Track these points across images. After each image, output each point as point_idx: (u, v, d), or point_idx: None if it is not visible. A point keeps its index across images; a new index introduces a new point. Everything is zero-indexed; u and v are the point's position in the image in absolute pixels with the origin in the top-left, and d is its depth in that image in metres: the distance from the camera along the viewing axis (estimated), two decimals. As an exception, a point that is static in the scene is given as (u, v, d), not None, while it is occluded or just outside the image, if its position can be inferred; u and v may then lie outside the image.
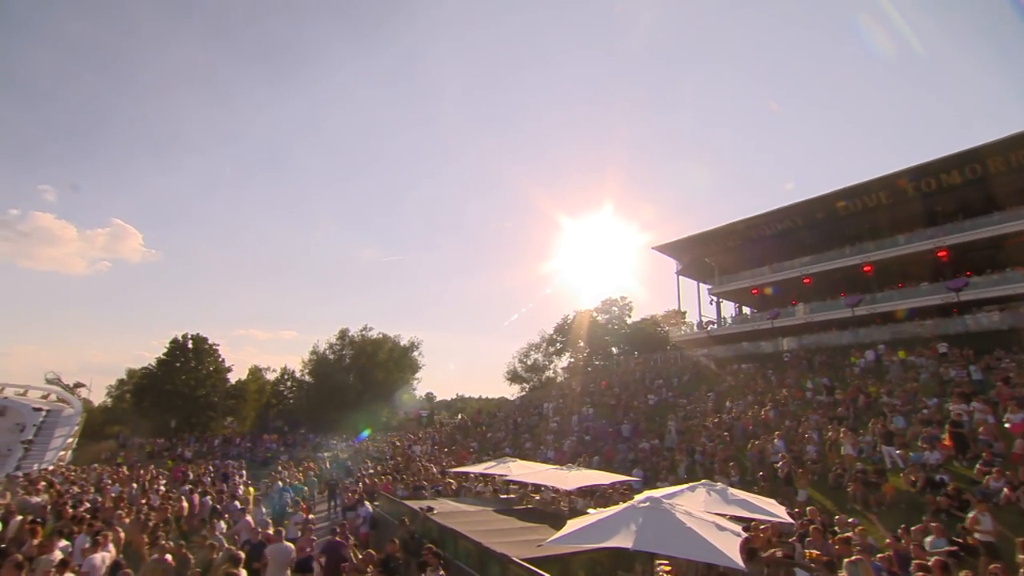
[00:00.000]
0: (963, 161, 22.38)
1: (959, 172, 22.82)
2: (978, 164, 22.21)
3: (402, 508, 10.37)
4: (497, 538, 8.15)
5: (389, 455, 25.00)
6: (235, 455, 35.60)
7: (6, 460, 25.12)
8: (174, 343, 49.24)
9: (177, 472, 23.07)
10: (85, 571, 6.64)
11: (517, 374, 45.09)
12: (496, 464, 12.98)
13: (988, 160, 21.96)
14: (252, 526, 9.29)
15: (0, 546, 8.08)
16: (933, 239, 23.61)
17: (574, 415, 26.78)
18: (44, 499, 12.45)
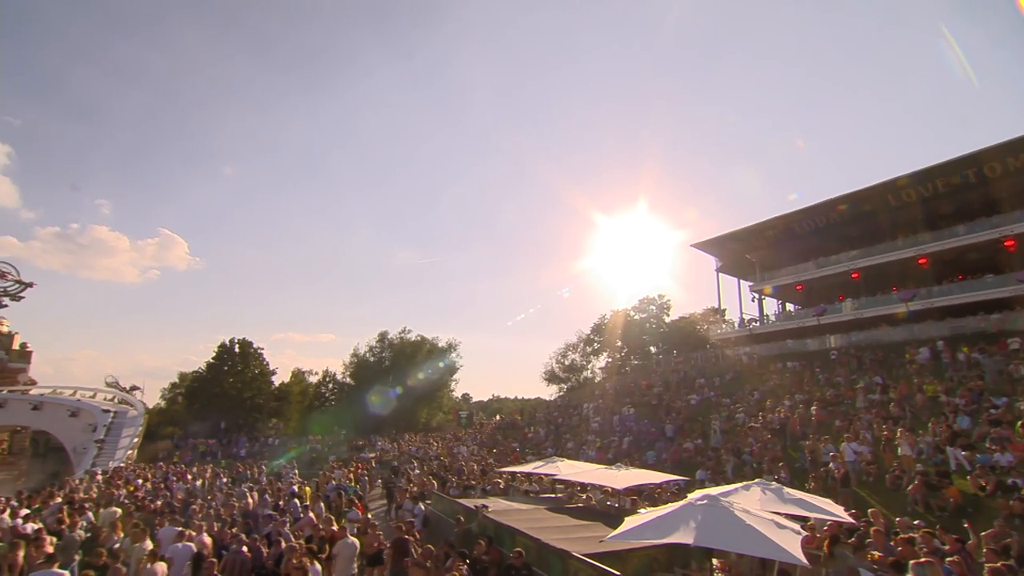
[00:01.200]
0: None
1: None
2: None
3: (456, 506, 10.65)
4: (554, 535, 8.33)
5: (434, 455, 25.49)
6: (282, 455, 36.93)
7: (82, 458, 26.88)
8: (222, 347, 51.30)
9: (234, 471, 24.18)
10: (173, 559, 7.13)
11: (555, 374, 45.09)
12: (544, 464, 13.16)
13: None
14: (315, 522, 9.73)
15: (86, 535, 8.77)
16: (999, 228, 22.29)
17: (615, 415, 26.68)
18: (124, 494, 13.34)
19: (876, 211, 25.97)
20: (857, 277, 26.68)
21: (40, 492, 13.67)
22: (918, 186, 24.31)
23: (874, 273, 26.37)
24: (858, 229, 26.99)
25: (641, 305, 43.92)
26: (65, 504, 10.67)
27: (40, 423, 31.92)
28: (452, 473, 17.48)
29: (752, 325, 30.75)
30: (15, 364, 36.50)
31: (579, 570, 6.91)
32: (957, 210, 24.23)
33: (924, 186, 24.20)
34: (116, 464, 25.55)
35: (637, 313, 43.96)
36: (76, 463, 28.21)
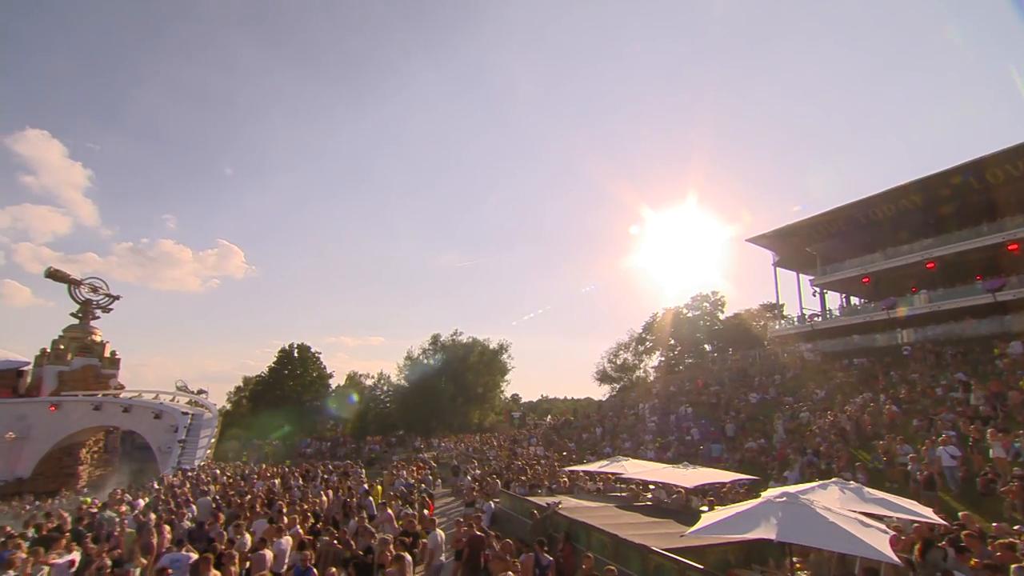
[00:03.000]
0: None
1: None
2: None
3: (526, 504, 10.93)
4: (629, 531, 8.48)
5: (493, 455, 25.96)
6: (342, 455, 38.48)
7: (167, 457, 29.01)
8: (282, 352, 53.96)
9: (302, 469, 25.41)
10: (276, 552, 7.72)
11: (607, 374, 44.78)
12: (609, 463, 13.28)
13: None
14: (392, 519, 10.25)
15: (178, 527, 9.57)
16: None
17: (672, 415, 26.35)
18: (213, 490, 14.40)
19: (954, 196, 24.30)
20: (933, 267, 25.09)
21: (145, 486, 14.98)
22: (1005, 165, 22.41)
23: (952, 262, 24.73)
24: (934, 216, 25.38)
25: (694, 302, 43.04)
26: (169, 497, 11.68)
27: (129, 424, 34.63)
28: (514, 472, 17.81)
29: (814, 320, 29.58)
30: (107, 370, 39.72)
31: (660, 564, 7.05)
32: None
33: (1013, 165, 22.36)
34: (198, 462, 27.37)
35: (690, 311, 43.10)
36: (161, 461, 30.45)
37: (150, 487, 14.60)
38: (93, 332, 40.38)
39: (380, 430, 45.72)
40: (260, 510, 10.60)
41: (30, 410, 33.26)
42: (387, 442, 40.81)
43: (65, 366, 37.56)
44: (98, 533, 8.54)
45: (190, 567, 6.29)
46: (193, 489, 14.16)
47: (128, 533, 8.28)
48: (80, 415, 33.77)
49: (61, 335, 39.43)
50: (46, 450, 32.62)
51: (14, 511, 23.09)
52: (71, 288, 40.50)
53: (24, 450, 31.93)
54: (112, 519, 9.61)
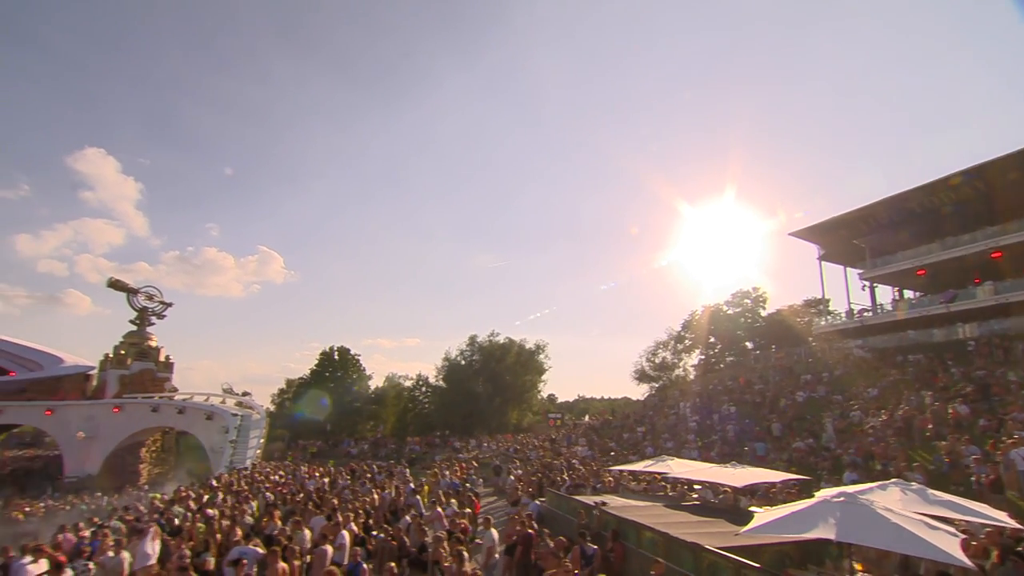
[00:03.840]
0: None
1: None
2: None
3: (572, 503, 10.99)
4: (679, 529, 8.42)
5: (534, 455, 26.06)
6: (384, 455, 39.29)
7: (219, 457, 30.33)
8: (323, 355, 55.33)
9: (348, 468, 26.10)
10: (338, 545, 8.02)
11: (645, 373, 44.18)
12: (654, 462, 13.19)
13: None
14: (442, 517, 10.47)
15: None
16: None
17: (715, 414, 25.84)
18: (268, 488, 15.00)
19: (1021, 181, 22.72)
20: (1000, 256, 23.50)
21: (203, 485, 15.77)
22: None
23: (1022, 250, 23.15)
24: (999, 202, 23.78)
25: (734, 299, 41.91)
26: (229, 495, 12.27)
27: (183, 425, 36.40)
28: (557, 472, 17.86)
29: (863, 316, 28.40)
30: (162, 374, 41.86)
31: (714, 563, 6.99)
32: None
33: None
34: (249, 462, 28.49)
35: (730, 307, 42.03)
36: (214, 461, 31.84)
37: (209, 485, 15.36)
38: (149, 338, 42.59)
39: (419, 431, 46.42)
40: (313, 508, 11.00)
41: (97, 411, 35.39)
42: (427, 442, 41.40)
43: (125, 370, 39.76)
44: (171, 526, 9.07)
45: (258, 560, 6.64)
46: (249, 487, 14.82)
47: (198, 527, 8.77)
48: (140, 416, 35.72)
49: (121, 341, 41.72)
50: (111, 449, 34.61)
51: (87, 505, 24.69)
52: (129, 296, 42.83)
53: (93, 449, 33.99)
54: (183, 514, 10.19)
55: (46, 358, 40.72)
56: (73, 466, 33.43)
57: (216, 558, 7.56)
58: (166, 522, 9.99)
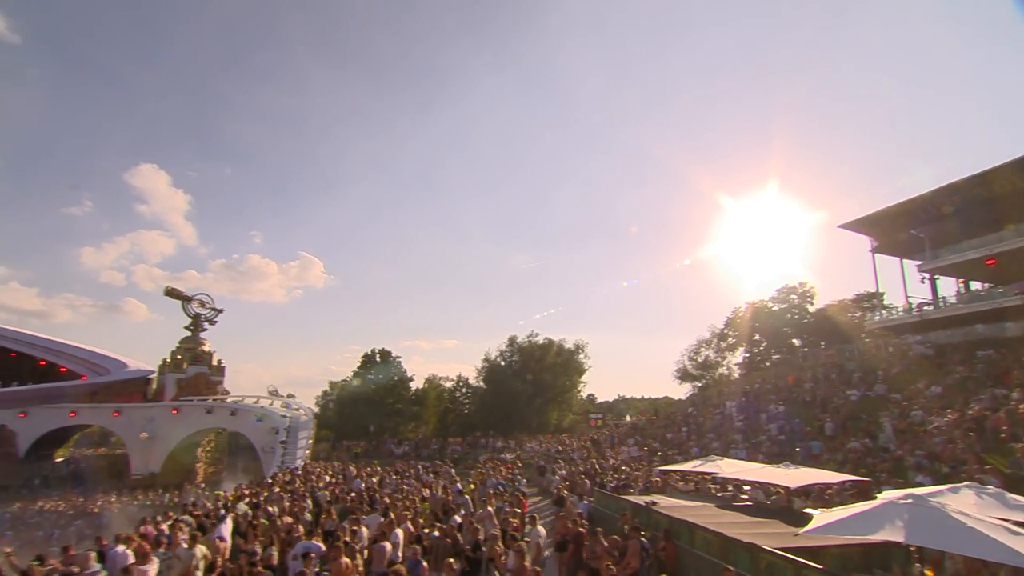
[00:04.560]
0: None
1: None
2: None
3: (622, 503, 10.93)
4: (733, 530, 8.27)
5: (578, 456, 25.98)
6: (427, 456, 39.82)
7: (270, 457, 31.46)
8: (365, 357, 56.57)
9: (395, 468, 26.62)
10: (394, 543, 8.23)
11: (687, 372, 43.28)
12: (704, 462, 12.96)
13: None
14: (492, 515, 10.58)
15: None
16: None
17: (762, 413, 25.11)
18: (320, 486, 15.52)
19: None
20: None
21: (260, 484, 16.47)
22: None
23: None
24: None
25: (780, 295, 40.43)
26: (286, 494, 12.77)
27: (236, 426, 37.94)
28: (604, 472, 17.76)
29: (923, 310, 26.93)
30: (215, 378, 43.78)
31: (772, 563, 6.83)
32: None
33: None
34: (299, 462, 29.45)
35: (775, 304, 40.62)
36: (265, 461, 33.01)
37: (266, 483, 16.04)
38: (203, 343, 44.63)
39: (460, 431, 46.86)
40: (368, 506, 11.31)
41: (157, 413, 37.34)
42: (469, 443, 41.76)
43: (182, 374, 41.82)
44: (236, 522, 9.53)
45: (321, 556, 6.91)
46: (305, 486, 15.38)
47: (262, 523, 9.18)
48: (196, 418, 37.47)
49: (177, 346, 43.89)
50: (170, 449, 36.41)
51: (151, 501, 26.16)
52: (184, 304, 45.00)
53: (154, 448, 35.88)
54: (246, 511, 10.70)
55: (112, 363, 43.37)
56: (138, 464, 35.39)
57: (279, 553, 7.89)
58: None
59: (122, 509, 24.14)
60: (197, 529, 8.25)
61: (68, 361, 43.05)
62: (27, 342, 42.45)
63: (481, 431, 44.68)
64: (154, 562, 6.48)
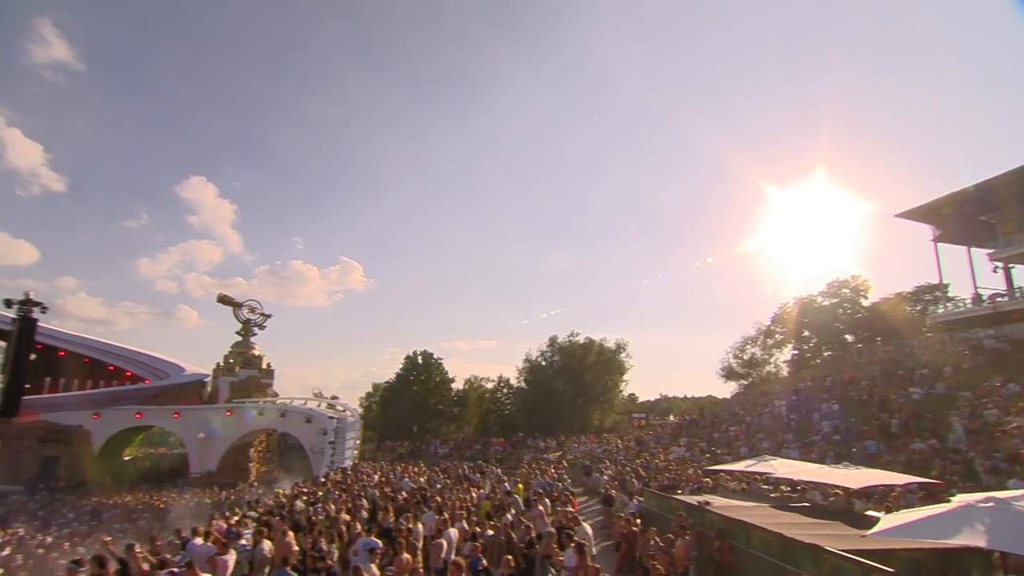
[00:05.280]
0: None
1: None
2: None
3: (672, 502, 10.77)
4: (793, 531, 8.02)
5: (623, 455, 25.72)
6: (469, 456, 40.17)
7: (320, 457, 32.45)
8: (407, 359, 57.54)
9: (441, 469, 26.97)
10: (449, 541, 8.38)
11: (733, 370, 42.08)
12: (757, 462, 12.61)
13: None
14: (543, 514, 10.62)
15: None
16: None
17: (815, 412, 24.18)
18: (372, 485, 15.92)
19: None
20: None
21: (315, 483, 17.04)
22: None
23: None
24: None
25: (830, 289, 38.70)
26: (341, 492, 13.16)
27: (285, 427, 39.35)
28: (653, 472, 17.52)
29: (996, 301, 25.20)
30: (264, 380, 45.55)
31: (837, 566, 6.60)
32: None
33: None
34: (348, 462, 30.23)
35: (825, 298, 38.91)
36: (314, 461, 34.04)
37: (320, 482, 16.60)
38: (253, 347, 46.50)
39: (502, 432, 47.07)
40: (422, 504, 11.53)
41: (212, 415, 39.10)
42: (512, 443, 41.91)
43: (234, 377, 43.72)
44: (296, 519, 9.93)
45: (369, 550, 7.10)
46: (357, 485, 15.82)
47: (320, 520, 9.52)
48: (248, 419, 39.05)
49: (229, 350, 45.90)
50: (225, 449, 38.07)
51: (210, 498, 27.43)
52: (235, 310, 47.01)
53: (211, 448, 37.60)
54: (305, 509, 11.12)
55: (171, 367, 45.83)
56: (196, 464, 37.17)
57: (340, 550, 8.16)
58: (288, 514, 10.93)
59: (184, 505, 25.44)
60: (264, 525, 8.63)
61: (133, 366, 45.79)
62: (98, 348, 45.43)
63: (523, 431, 44.77)
64: (232, 553, 6.87)
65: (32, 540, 16.26)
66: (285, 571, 6.13)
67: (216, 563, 6.42)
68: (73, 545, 15.47)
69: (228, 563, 6.61)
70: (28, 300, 36.72)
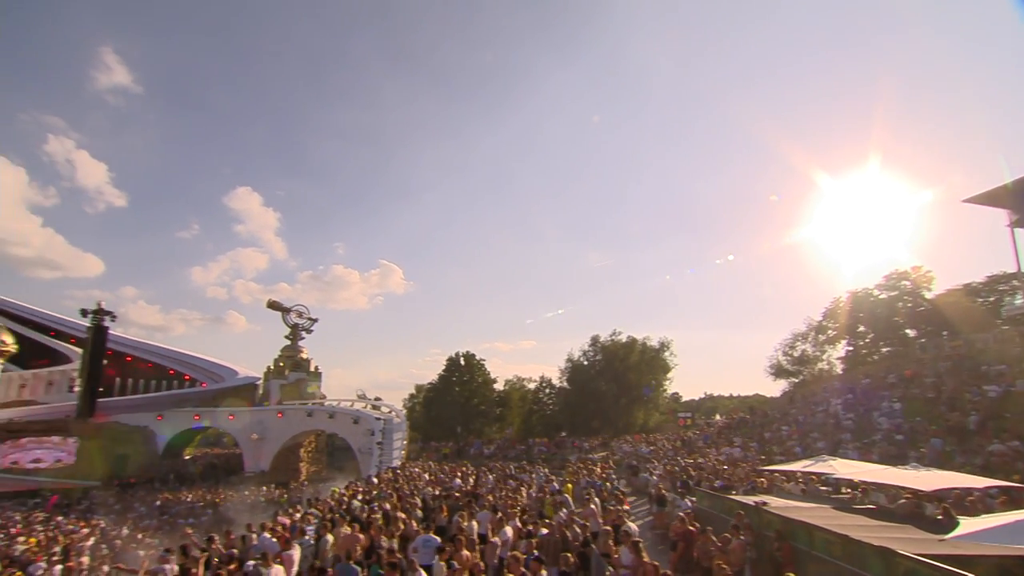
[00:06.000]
0: None
1: None
2: None
3: (727, 502, 10.51)
4: (860, 533, 7.70)
5: (670, 455, 25.27)
6: (513, 456, 40.26)
7: (367, 458, 33.25)
8: (450, 360, 58.13)
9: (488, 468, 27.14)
10: (503, 539, 8.45)
11: (782, 368, 40.53)
12: (814, 462, 12.14)
13: None
14: (596, 513, 10.57)
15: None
16: None
17: (874, 410, 23.06)
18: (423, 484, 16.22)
19: None
20: None
21: (367, 482, 17.52)
22: None
23: None
24: None
25: (889, 281, 36.60)
26: (393, 491, 13.48)
27: (334, 428, 40.54)
28: (704, 472, 17.15)
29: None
30: (313, 382, 47.06)
31: (912, 571, 6.28)
32: None
33: None
34: (396, 462, 30.83)
35: (883, 291, 36.86)
36: (362, 461, 34.86)
37: (372, 482, 17.04)
38: (301, 350, 48.12)
39: (545, 432, 46.99)
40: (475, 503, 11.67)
41: (265, 416, 40.72)
42: (556, 443, 41.79)
43: (284, 380, 45.35)
44: (354, 516, 10.25)
45: (437, 548, 7.25)
46: (409, 484, 16.17)
47: (375, 518, 9.79)
48: (298, 421, 40.43)
49: (279, 354, 47.65)
50: (277, 449, 39.56)
51: (265, 496, 28.60)
52: (283, 315, 48.77)
53: (264, 448, 39.16)
54: (361, 507, 11.47)
55: (226, 371, 48.10)
56: (250, 463, 38.78)
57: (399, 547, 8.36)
58: (346, 512, 11.29)
59: (242, 502, 26.60)
60: (329, 521, 8.97)
61: (191, 370, 48.36)
62: (159, 353, 48.21)
63: (566, 431, 44.52)
64: (296, 548, 7.17)
65: (112, 531, 17.43)
66: (350, 566, 6.35)
67: (283, 556, 6.73)
68: (147, 537, 16.50)
69: (294, 557, 6.91)
70: (100, 310, 39.47)
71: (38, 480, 33.56)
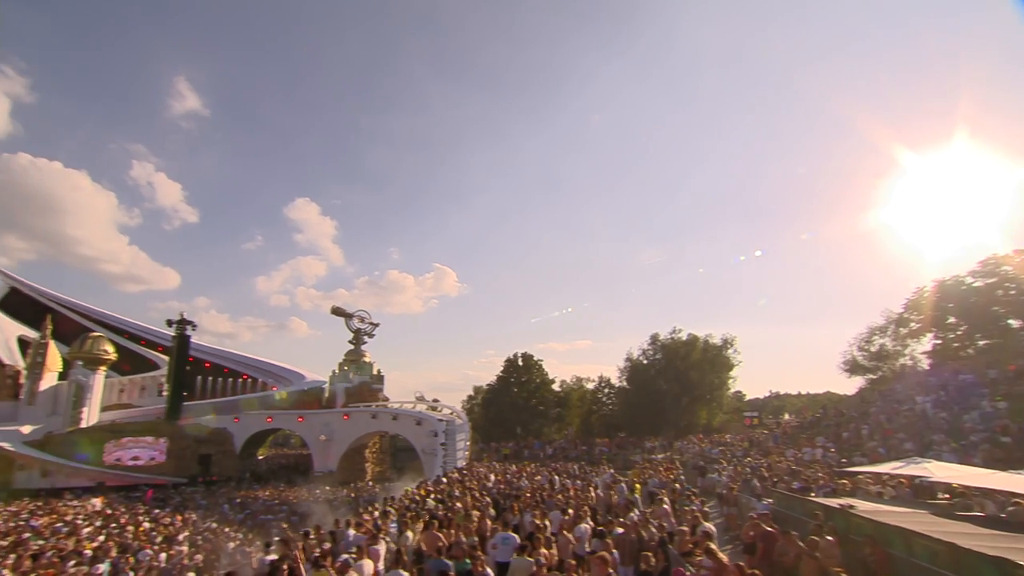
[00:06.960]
0: None
1: None
2: None
3: (808, 504, 10.02)
4: (967, 541, 7.10)
5: (741, 455, 24.38)
6: (574, 457, 39.99)
7: (431, 459, 33.95)
8: (508, 361, 58.63)
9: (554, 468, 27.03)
10: (577, 537, 8.44)
11: (858, 364, 37.94)
12: (905, 465, 11.34)
13: None
14: (669, 513, 10.37)
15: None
16: None
17: (974, 410, 21.24)
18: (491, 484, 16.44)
19: None
20: None
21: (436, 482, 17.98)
22: None
23: None
24: None
25: (984, 268, 33.10)
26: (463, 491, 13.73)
27: (397, 429, 41.69)
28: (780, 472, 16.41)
29: None
30: (376, 386, 48.63)
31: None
32: None
33: None
34: (460, 463, 31.27)
35: (978, 279, 33.42)
36: (426, 462, 35.56)
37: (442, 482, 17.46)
38: (364, 354, 49.87)
39: (605, 432, 46.43)
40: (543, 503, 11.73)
41: (331, 419, 42.45)
42: (617, 444, 41.23)
43: (348, 383, 47.11)
44: (433, 514, 10.54)
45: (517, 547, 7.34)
46: (478, 484, 16.47)
47: (452, 516, 10.03)
48: (363, 423, 41.88)
49: (344, 358, 49.59)
50: (344, 450, 41.14)
51: (334, 495, 29.82)
52: (346, 320, 50.70)
53: (331, 449, 40.85)
54: (435, 506, 11.81)
55: (294, 375, 50.61)
56: (319, 463, 40.56)
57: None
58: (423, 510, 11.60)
59: (314, 500, 27.88)
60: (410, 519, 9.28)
61: (262, 375, 51.23)
62: (234, 359, 51.44)
63: (626, 431, 43.79)
64: (382, 543, 7.47)
65: (202, 524, 18.80)
66: (442, 560, 6.53)
67: (369, 551, 7.03)
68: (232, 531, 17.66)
69: (379, 552, 7.20)
70: (183, 320, 42.72)
71: (136, 476, 36.60)
